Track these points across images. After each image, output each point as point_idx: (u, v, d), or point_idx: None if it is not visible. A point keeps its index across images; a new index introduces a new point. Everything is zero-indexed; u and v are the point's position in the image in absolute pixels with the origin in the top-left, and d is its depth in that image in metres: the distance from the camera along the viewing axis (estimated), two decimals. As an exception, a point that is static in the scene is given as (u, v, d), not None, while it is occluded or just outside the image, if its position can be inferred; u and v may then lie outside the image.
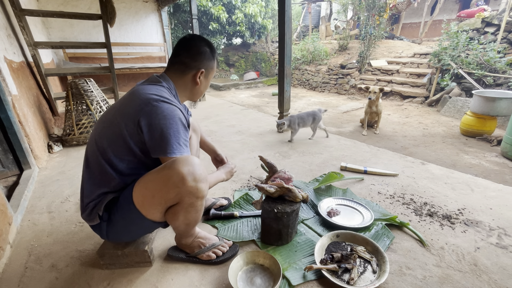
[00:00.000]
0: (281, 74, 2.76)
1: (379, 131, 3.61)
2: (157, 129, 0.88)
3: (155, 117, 0.88)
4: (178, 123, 0.91)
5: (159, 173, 0.89)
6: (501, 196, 1.61)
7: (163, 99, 0.92)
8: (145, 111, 0.89)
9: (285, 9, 2.47)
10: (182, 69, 1.05)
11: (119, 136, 0.92)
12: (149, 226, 1.02)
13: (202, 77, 1.08)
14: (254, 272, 1.07)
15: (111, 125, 0.95)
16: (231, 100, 5.78)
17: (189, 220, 0.99)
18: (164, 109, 0.90)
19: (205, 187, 0.93)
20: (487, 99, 3.12)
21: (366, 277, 1.03)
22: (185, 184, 0.87)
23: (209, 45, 1.08)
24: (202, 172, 0.91)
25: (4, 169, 1.94)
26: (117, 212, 0.95)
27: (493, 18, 4.95)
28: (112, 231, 0.99)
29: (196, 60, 1.04)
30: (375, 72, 6.35)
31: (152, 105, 0.89)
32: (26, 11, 2.71)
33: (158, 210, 0.93)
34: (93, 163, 0.96)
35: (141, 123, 0.89)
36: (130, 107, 0.93)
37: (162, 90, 0.97)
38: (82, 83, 2.62)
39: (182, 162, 0.87)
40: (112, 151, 0.93)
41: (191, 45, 1.04)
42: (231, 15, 8.70)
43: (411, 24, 11.11)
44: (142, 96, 0.92)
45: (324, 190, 1.68)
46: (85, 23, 5.01)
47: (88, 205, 0.97)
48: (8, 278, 1.09)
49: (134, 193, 0.92)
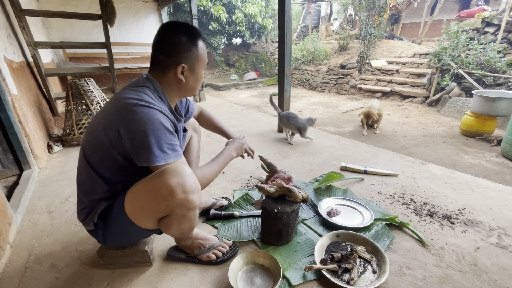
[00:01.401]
0: (281, 74, 2.76)
1: (379, 131, 3.61)
2: (137, 137, 0.82)
3: (134, 123, 0.82)
4: (158, 127, 0.83)
5: (148, 184, 0.85)
6: (501, 196, 1.61)
7: (141, 103, 0.84)
8: (124, 118, 0.83)
9: (285, 9, 2.47)
10: (161, 68, 0.93)
11: (102, 144, 0.87)
12: (144, 233, 1.00)
13: (186, 72, 0.94)
14: (254, 272, 1.07)
15: (94, 132, 0.90)
16: (231, 100, 5.78)
17: (183, 229, 0.96)
18: (142, 114, 0.82)
19: (196, 197, 0.88)
20: (487, 99, 3.13)
21: (366, 277, 1.03)
22: (174, 197, 0.82)
23: (186, 31, 0.91)
24: (193, 182, 0.85)
25: (4, 169, 1.94)
26: (112, 220, 0.93)
27: (493, 18, 4.95)
28: (108, 237, 0.98)
29: (172, 55, 0.91)
30: (375, 72, 6.35)
31: (130, 110, 0.83)
32: (26, 11, 2.71)
33: (150, 221, 0.90)
34: (82, 170, 0.94)
35: (121, 131, 0.83)
36: (111, 113, 0.87)
37: (144, 93, 0.88)
38: (82, 83, 2.62)
39: (171, 173, 0.82)
40: (96, 159, 0.90)
41: (162, 37, 0.91)
42: (231, 15, 8.71)
43: (411, 24, 11.11)
44: (121, 101, 0.86)
45: (324, 190, 1.68)
46: (85, 23, 5.01)
47: (83, 210, 0.95)
48: (8, 278, 1.09)
49: (125, 203, 0.89)
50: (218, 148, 2.48)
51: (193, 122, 1.38)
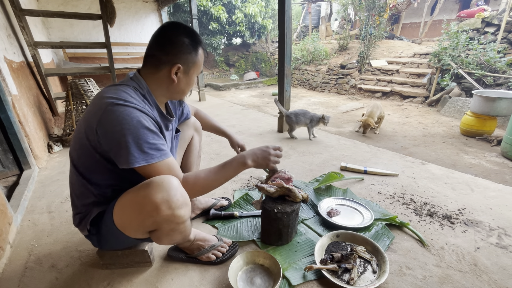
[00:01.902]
0: (281, 74, 2.76)
1: (379, 131, 3.61)
2: (114, 138, 0.78)
3: (110, 123, 0.78)
4: (137, 127, 0.79)
5: (134, 198, 0.82)
6: (501, 196, 1.61)
7: (118, 101, 0.80)
8: (101, 118, 0.79)
9: (285, 9, 2.47)
10: (155, 64, 0.90)
11: (85, 147, 0.85)
12: (137, 241, 0.98)
13: (180, 74, 0.91)
14: (254, 272, 1.07)
15: (78, 135, 0.87)
16: (231, 100, 5.78)
17: (175, 241, 0.94)
18: (118, 114, 0.78)
19: (184, 212, 0.84)
20: (487, 99, 3.13)
21: (366, 277, 1.03)
22: (159, 213, 0.79)
23: (189, 34, 0.90)
24: (179, 197, 0.81)
25: (4, 169, 1.94)
26: (104, 227, 0.92)
27: (493, 18, 4.95)
28: (103, 242, 0.98)
29: (169, 53, 0.88)
30: (375, 72, 6.35)
31: (106, 110, 0.79)
32: (26, 11, 2.71)
33: (139, 233, 0.88)
34: (72, 175, 0.92)
35: (98, 132, 0.80)
36: (90, 114, 0.83)
37: (124, 91, 0.84)
38: (82, 83, 2.62)
39: (155, 188, 0.78)
40: (82, 164, 0.88)
41: (163, 35, 0.89)
42: (231, 15, 8.71)
43: (411, 24, 11.11)
44: (100, 101, 0.82)
45: (324, 190, 1.68)
46: (85, 23, 5.01)
47: (76, 216, 0.95)
48: (8, 278, 1.09)
49: (114, 215, 0.86)
50: (218, 148, 2.49)
51: (195, 122, 1.35)
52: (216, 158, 2.26)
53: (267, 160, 1.01)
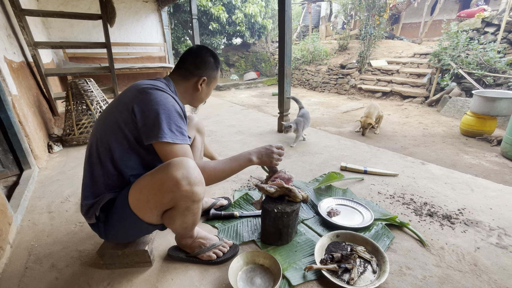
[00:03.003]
0: (281, 74, 2.76)
1: (379, 131, 3.61)
2: (150, 115, 0.90)
3: (148, 103, 0.91)
4: (170, 109, 0.92)
5: (153, 177, 0.88)
6: (501, 196, 1.61)
7: (157, 87, 0.95)
8: (139, 98, 0.92)
9: (285, 9, 2.47)
10: (185, 75, 1.10)
11: (114, 125, 0.93)
12: (147, 228, 1.01)
13: (204, 85, 1.13)
14: (254, 272, 1.07)
15: (108, 117, 0.97)
16: (231, 100, 5.78)
17: (186, 223, 0.98)
18: (157, 96, 0.92)
19: (201, 190, 0.91)
20: (487, 99, 3.12)
21: (366, 277, 1.03)
22: (179, 188, 0.85)
23: (214, 56, 1.13)
24: (198, 175, 0.89)
25: (4, 169, 1.94)
26: (114, 213, 0.95)
27: (493, 18, 4.95)
28: (110, 231, 0.99)
29: (200, 68, 1.10)
30: (375, 72, 6.35)
31: (146, 92, 0.93)
32: (26, 11, 2.71)
33: (154, 213, 0.92)
34: (92, 158, 0.97)
35: (135, 110, 0.91)
36: (126, 97, 0.96)
37: (159, 81, 1.01)
38: (82, 83, 2.62)
39: (176, 165, 0.85)
40: (105, 144, 0.94)
41: (197, 54, 1.10)
42: (231, 15, 8.70)
43: (411, 24, 11.11)
44: (137, 86, 0.97)
45: (324, 190, 1.68)
46: (85, 23, 5.01)
47: (86, 203, 0.97)
48: (8, 278, 1.09)
49: (129, 196, 0.91)
50: (219, 148, 2.49)
51: (197, 123, 1.44)
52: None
53: (271, 157, 1.14)
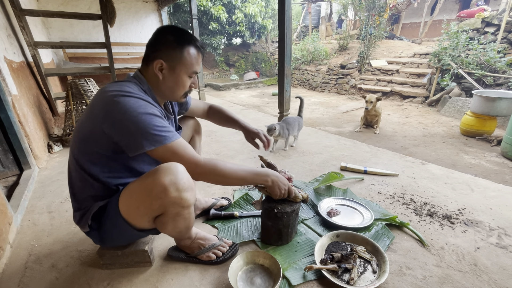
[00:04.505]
0: (281, 74, 2.76)
1: (379, 131, 3.61)
2: (123, 127, 0.82)
3: (117, 113, 0.82)
4: (143, 113, 0.83)
5: (142, 183, 0.86)
6: (501, 196, 1.61)
7: (123, 93, 0.84)
8: (107, 110, 0.83)
9: (285, 9, 2.47)
10: (145, 61, 0.96)
11: (90, 139, 0.87)
12: (139, 234, 0.99)
13: (165, 70, 0.94)
14: (254, 272, 1.07)
15: (82, 128, 0.90)
16: (231, 100, 5.79)
17: (179, 228, 0.96)
18: (124, 103, 0.82)
19: (190, 195, 0.88)
20: (487, 99, 3.13)
21: (366, 277, 1.03)
22: (167, 195, 0.82)
23: (176, 32, 0.94)
24: (186, 181, 0.85)
25: (4, 169, 1.94)
26: (107, 220, 0.93)
27: (493, 18, 4.95)
28: (104, 238, 0.98)
29: (155, 50, 0.94)
30: (375, 72, 6.35)
31: (112, 101, 0.82)
32: (26, 11, 2.71)
33: (145, 219, 0.90)
34: (72, 171, 0.95)
35: (106, 124, 0.83)
36: (94, 108, 0.87)
37: (126, 85, 0.88)
38: (82, 83, 2.62)
39: (164, 171, 0.83)
40: (84, 156, 0.90)
41: (154, 35, 0.95)
42: (231, 15, 8.71)
43: (411, 24, 11.10)
44: (103, 94, 0.86)
45: (324, 190, 1.68)
46: (85, 23, 5.01)
47: (77, 213, 0.95)
48: (8, 278, 1.09)
49: (120, 203, 0.89)
50: (218, 148, 2.48)
51: (195, 123, 1.35)
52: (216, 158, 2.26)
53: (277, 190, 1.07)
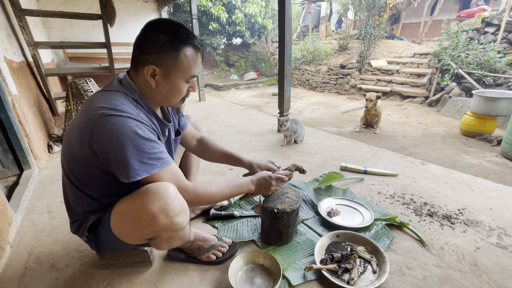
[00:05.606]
0: (281, 74, 2.76)
1: (379, 131, 3.61)
2: (110, 152, 0.74)
3: (104, 137, 0.73)
4: (133, 138, 0.74)
5: (130, 207, 0.80)
6: (501, 196, 1.61)
7: (111, 112, 0.74)
8: (94, 132, 0.74)
9: (285, 9, 2.47)
10: (135, 65, 0.83)
11: (79, 160, 0.81)
12: (136, 247, 0.98)
13: (158, 77, 0.82)
14: (254, 272, 1.07)
15: (69, 145, 0.83)
16: (231, 100, 5.79)
17: (174, 245, 0.93)
18: (112, 125, 0.73)
19: (183, 219, 0.82)
20: (487, 99, 3.12)
21: (366, 277, 1.03)
22: (157, 222, 0.77)
23: (169, 31, 0.79)
24: (177, 204, 0.79)
25: (4, 169, 1.94)
26: (102, 233, 0.91)
27: (493, 18, 4.95)
28: (102, 247, 0.98)
29: (144, 53, 0.80)
30: (375, 72, 6.35)
31: (99, 122, 0.73)
32: (26, 11, 2.71)
33: (138, 240, 0.86)
34: (66, 184, 0.90)
35: (93, 147, 0.75)
36: (81, 126, 0.77)
37: (115, 99, 0.78)
38: (82, 83, 2.62)
39: (152, 197, 0.76)
40: (75, 174, 0.85)
41: (142, 31, 0.80)
42: (231, 15, 8.71)
43: (411, 24, 11.11)
44: (90, 112, 0.76)
45: (324, 190, 1.68)
46: (85, 23, 5.01)
47: (74, 224, 0.94)
48: (8, 278, 1.09)
49: (111, 223, 0.85)
50: (218, 148, 2.48)
51: (194, 132, 1.28)
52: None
53: (268, 190, 1.08)
